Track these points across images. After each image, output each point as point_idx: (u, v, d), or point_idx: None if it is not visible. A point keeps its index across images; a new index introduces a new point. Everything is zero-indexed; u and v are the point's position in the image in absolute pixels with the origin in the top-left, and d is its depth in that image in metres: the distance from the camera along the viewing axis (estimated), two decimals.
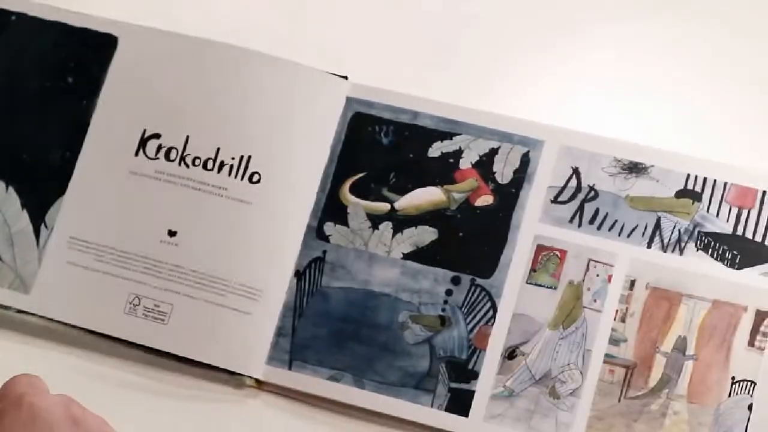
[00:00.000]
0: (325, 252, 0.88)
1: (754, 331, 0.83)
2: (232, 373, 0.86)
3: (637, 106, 0.90)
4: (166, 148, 0.90)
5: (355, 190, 0.89)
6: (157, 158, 0.90)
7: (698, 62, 0.91)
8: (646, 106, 0.90)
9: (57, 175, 0.91)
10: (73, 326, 0.88)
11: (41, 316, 0.88)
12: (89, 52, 0.93)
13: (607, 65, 0.91)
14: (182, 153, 0.90)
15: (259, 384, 0.86)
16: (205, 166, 0.89)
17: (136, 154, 0.90)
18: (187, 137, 0.90)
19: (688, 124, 0.89)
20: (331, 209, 0.89)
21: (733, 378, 0.82)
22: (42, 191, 0.91)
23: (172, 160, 0.90)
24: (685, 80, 0.90)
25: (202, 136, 0.90)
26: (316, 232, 0.89)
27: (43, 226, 0.90)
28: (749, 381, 0.82)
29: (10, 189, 0.91)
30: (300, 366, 0.86)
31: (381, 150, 0.90)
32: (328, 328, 0.87)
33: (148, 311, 0.87)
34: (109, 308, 0.87)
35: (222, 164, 0.89)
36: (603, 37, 0.92)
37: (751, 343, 0.83)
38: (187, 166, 0.90)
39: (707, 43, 0.91)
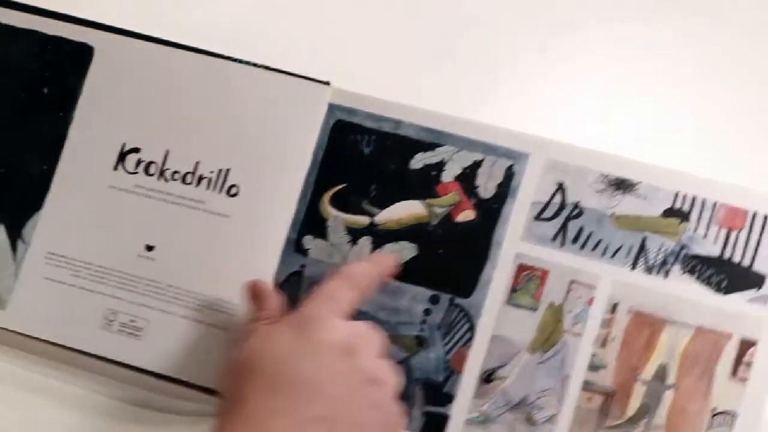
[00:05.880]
0: (303, 266, 0.86)
1: (738, 361, 0.80)
2: (210, 390, 0.85)
3: (626, 120, 0.87)
4: (145, 163, 0.88)
5: (335, 201, 0.87)
6: (136, 172, 0.88)
7: (690, 77, 0.87)
8: (635, 119, 0.87)
9: (34, 189, 0.89)
10: (50, 342, 0.87)
11: (17, 332, 0.88)
12: (65, 61, 0.90)
13: (595, 77, 0.88)
14: (162, 167, 0.88)
15: None
16: (183, 180, 0.88)
17: (115, 168, 0.89)
18: (167, 151, 0.88)
19: (678, 140, 0.86)
20: (310, 222, 0.87)
21: (714, 409, 0.80)
22: (19, 205, 0.89)
23: (151, 175, 0.88)
24: (675, 95, 0.87)
25: (181, 149, 0.88)
26: (294, 246, 0.87)
27: (20, 240, 0.89)
28: (730, 413, 0.79)
29: None
30: None
31: (362, 160, 0.87)
32: None
33: (124, 326, 0.86)
34: (84, 324, 0.87)
35: (201, 178, 0.88)
36: (592, 48, 0.88)
37: (734, 374, 0.80)
38: (166, 180, 0.88)
39: (699, 59, 0.87)
